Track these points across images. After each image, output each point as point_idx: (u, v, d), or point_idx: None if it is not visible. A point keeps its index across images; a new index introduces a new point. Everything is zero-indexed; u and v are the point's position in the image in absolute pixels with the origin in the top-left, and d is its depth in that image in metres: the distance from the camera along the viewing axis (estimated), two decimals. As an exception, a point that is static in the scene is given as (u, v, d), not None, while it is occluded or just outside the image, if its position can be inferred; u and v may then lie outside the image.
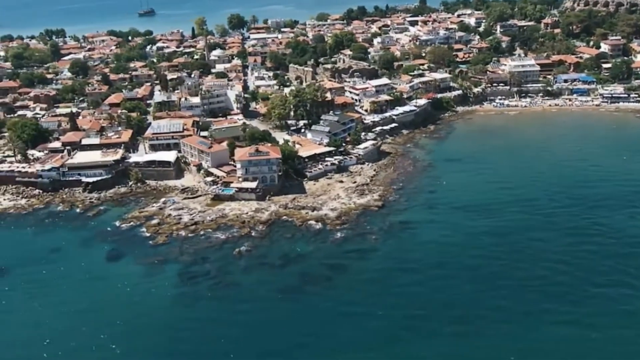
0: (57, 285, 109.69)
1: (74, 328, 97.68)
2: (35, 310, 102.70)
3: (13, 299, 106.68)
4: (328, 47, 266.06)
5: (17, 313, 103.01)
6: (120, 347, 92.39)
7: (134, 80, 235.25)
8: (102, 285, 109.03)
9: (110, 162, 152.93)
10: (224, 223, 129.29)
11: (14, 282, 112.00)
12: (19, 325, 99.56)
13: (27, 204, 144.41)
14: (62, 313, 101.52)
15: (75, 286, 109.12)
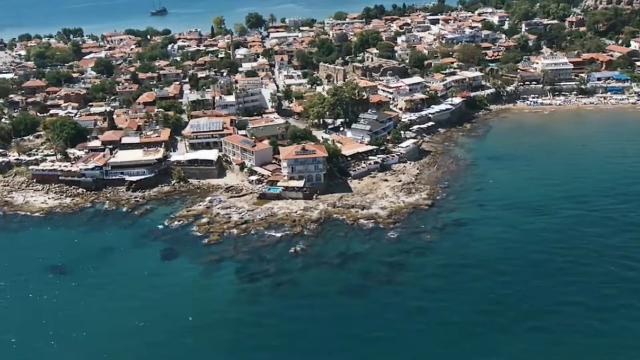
0: (119, 284, 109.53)
1: (145, 324, 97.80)
2: (103, 308, 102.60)
3: (78, 297, 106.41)
4: (353, 46, 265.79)
5: (86, 311, 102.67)
6: (193, 342, 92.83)
7: (162, 79, 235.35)
8: (163, 283, 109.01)
9: (153, 161, 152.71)
10: (274, 222, 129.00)
11: (76, 280, 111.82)
12: (91, 322, 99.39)
13: (73, 203, 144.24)
14: (130, 310, 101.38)
15: (137, 284, 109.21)
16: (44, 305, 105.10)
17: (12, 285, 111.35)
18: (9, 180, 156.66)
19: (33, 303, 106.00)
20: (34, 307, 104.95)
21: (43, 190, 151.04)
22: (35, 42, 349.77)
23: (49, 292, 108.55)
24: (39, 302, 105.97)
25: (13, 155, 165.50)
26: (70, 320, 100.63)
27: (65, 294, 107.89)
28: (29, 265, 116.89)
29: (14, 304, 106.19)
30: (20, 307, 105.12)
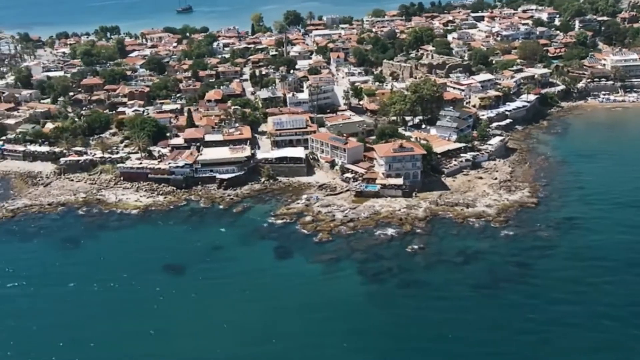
0: (241, 282, 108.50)
1: (280, 323, 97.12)
2: (233, 306, 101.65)
3: (204, 296, 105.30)
4: (406, 43, 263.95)
5: (216, 309, 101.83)
6: (349, 345, 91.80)
7: (220, 76, 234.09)
8: (286, 282, 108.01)
9: (243, 159, 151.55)
10: (380, 220, 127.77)
11: (196, 279, 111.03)
12: (223, 320, 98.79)
13: (167, 201, 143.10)
14: (261, 309, 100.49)
15: (259, 283, 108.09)
16: (172, 303, 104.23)
17: (133, 283, 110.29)
18: (96, 178, 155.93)
19: (158, 301, 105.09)
20: (161, 305, 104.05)
21: (132, 189, 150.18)
22: (74, 40, 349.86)
23: (172, 291, 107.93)
24: (165, 300, 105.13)
25: (93, 153, 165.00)
26: (204, 318, 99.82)
27: (190, 293, 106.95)
28: (143, 265, 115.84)
29: (139, 302, 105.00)
30: (147, 305, 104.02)
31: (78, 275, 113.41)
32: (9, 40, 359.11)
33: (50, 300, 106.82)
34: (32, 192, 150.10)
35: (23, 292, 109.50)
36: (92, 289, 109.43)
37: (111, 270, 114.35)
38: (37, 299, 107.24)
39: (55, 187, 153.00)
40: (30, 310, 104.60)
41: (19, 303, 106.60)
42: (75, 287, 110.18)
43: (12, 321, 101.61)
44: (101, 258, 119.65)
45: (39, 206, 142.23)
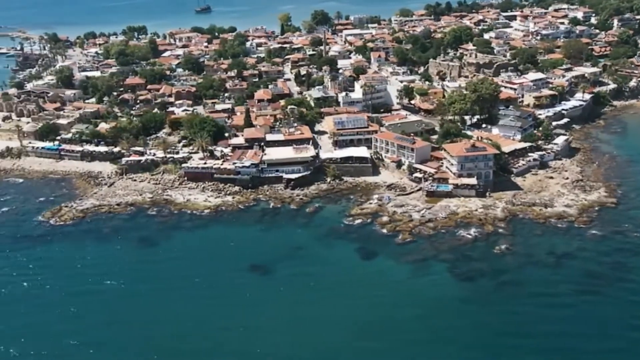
0: (330, 283, 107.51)
1: (383, 325, 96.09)
2: (332, 308, 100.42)
3: (297, 297, 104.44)
4: (445, 42, 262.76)
5: (311, 309, 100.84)
6: (449, 342, 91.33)
7: (263, 76, 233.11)
8: (378, 283, 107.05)
9: (309, 159, 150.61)
10: (459, 220, 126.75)
11: (284, 280, 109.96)
12: (319, 321, 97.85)
13: (236, 201, 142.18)
14: (359, 310, 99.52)
15: (351, 284, 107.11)
16: (261, 301, 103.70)
17: (220, 283, 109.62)
18: (159, 178, 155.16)
19: (247, 299, 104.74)
20: (250, 303, 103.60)
21: (198, 189, 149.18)
22: (103, 40, 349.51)
23: (259, 290, 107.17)
24: (253, 298, 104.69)
25: (153, 153, 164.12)
26: (295, 317, 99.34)
27: (279, 292, 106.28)
28: (227, 264, 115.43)
29: (228, 301, 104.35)
30: (237, 303, 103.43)
31: (164, 275, 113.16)
32: (36, 40, 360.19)
33: (145, 298, 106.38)
34: (97, 193, 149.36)
35: (118, 290, 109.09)
36: (181, 287, 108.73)
37: (195, 270, 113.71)
38: (133, 297, 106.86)
39: (119, 187, 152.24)
40: (128, 307, 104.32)
41: (116, 301, 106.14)
42: (164, 285, 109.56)
43: (113, 318, 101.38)
44: (182, 258, 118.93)
45: (108, 206, 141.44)
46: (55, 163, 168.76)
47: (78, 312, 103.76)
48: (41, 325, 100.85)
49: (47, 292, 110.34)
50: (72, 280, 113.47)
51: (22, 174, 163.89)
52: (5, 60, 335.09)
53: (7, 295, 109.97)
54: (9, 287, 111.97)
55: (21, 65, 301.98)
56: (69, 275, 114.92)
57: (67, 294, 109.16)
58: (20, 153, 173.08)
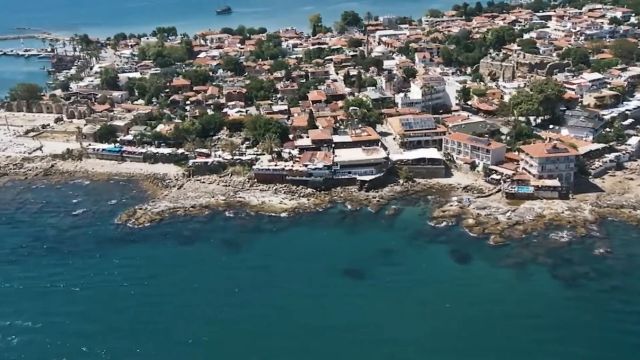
0: (429, 287, 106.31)
1: (494, 331, 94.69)
2: (437, 314, 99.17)
3: (398, 301, 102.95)
4: (488, 43, 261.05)
5: (415, 316, 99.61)
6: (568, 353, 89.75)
7: (310, 77, 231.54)
8: (478, 287, 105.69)
9: (381, 160, 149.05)
10: (548, 222, 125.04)
11: (381, 284, 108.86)
12: (424, 324, 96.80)
13: (313, 204, 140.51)
14: (468, 318, 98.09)
15: (448, 288, 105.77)
16: (361, 306, 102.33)
17: (315, 285, 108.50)
18: (227, 180, 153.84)
19: (346, 304, 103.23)
20: (349, 308, 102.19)
21: (270, 191, 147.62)
22: (134, 41, 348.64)
23: (357, 294, 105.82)
24: (351, 303, 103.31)
25: (218, 154, 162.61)
26: (401, 323, 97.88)
27: (379, 296, 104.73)
28: (321, 268, 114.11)
29: (327, 304, 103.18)
30: (336, 307, 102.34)
31: (257, 278, 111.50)
32: (66, 41, 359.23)
33: (247, 300, 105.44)
34: (168, 195, 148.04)
35: (210, 295, 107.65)
36: (283, 290, 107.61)
37: (291, 273, 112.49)
38: (234, 298, 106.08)
39: (189, 189, 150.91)
40: (235, 308, 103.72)
41: (213, 306, 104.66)
42: (265, 288, 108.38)
43: (210, 325, 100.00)
44: (271, 261, 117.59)
45: (183, 209, 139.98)
46: (118, 165, 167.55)
47: (188, 312, 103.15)
48: (153, 324, 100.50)
49: (148, 293, 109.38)
50: (168, 281, 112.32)
51: (86, 175, 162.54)
52: (37, 61, 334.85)
53: (113, 295, 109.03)
54: (111, 289, 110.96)
55: (56, 67, 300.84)
56: (163, 277, 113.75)
57: (168, 294, 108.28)
58: (81, 155, 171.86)
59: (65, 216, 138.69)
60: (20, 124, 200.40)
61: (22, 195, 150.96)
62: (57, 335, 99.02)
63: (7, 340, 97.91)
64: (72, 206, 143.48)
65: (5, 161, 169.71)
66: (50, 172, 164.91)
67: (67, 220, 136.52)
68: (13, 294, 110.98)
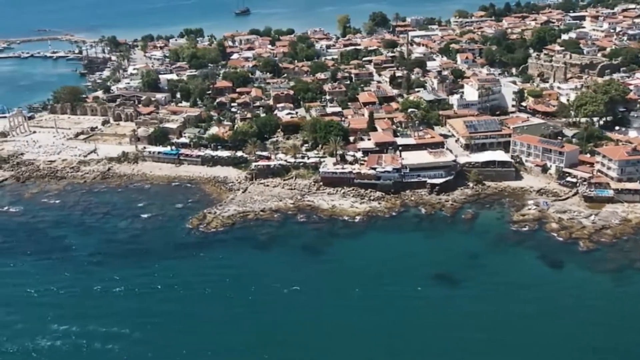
0: (529, 295, 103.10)
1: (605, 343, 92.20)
2: (539, 323, 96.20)
3: (495, 309, 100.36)
4: (529, 43, 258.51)
5: (515, 325, 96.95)
6: None
7: (354, 79, 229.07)
8: (579, 296, 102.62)
9: (451, 163, 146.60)
10: (636, 227, 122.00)
11: (479, 292, 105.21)
12: (537, 338, 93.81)
13: (385, 207, 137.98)
14: (573, 328, 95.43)
15: (550, 295, 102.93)
16: (469, 315, 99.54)
17: (408, 291, 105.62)
18: (292, 183, 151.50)
19: (442, 310, 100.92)
20: (447, 314, 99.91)
21: (337, 194, 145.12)
22: (162, 42, 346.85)
23: (452, 300, 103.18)
24: (448, 309, 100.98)
25: (279, 157, 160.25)
26: (503, 332, 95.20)
27: (478, 303, 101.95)
28: (410, 273, 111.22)
29: (425, 311, 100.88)
30: (439, 315, 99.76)
31: (345, 284, 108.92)
32: (92, 43, 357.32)
33: (336, 308, 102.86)
34: (234, 199, 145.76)
35: (307, 300, 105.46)
36: (375, 296, 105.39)
37: (380, 278, 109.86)
38: (323, 306, 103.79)
39: (254, 192, 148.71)
40: (327, 315, 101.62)
41: (311, 312, 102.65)
42: (349, 294, 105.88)
43: (313, 331, 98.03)
44: (357, 265, 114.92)
45: (253, 213, 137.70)
46: (176, 168, 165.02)
47: (300, 317, 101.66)
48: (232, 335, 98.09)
49: (244, 297, 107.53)
50: (254, 286, 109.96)
51: (145, 178, 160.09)
52: (66, 63, 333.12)
53: (208, 299, 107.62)
54: (201, 292, 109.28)
55: (88, 69, 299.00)
56: (248, 283, 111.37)
57: (252, 301, 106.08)
58: (137, 158, 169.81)
59: (133, 220, 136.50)
60: (67, 127, 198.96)
61: (85, 199, 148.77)
62: (162, 339, 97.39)
63: (108, 347, 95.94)
64: (138, 210, 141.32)
65: (61, 164, 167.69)
66: (107, 175, 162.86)
67: (137, 225, 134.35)
68: (105, 298, 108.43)
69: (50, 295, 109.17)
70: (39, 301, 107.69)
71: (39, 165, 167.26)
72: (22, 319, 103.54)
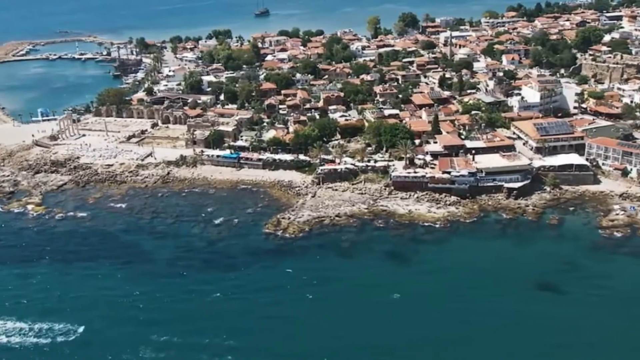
0: (624, 302, 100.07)
1: None
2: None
3: (609, 320, 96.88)
4: (573, 43, 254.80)
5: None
6: None
7: (402, 81, 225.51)
8: None
9: (527, 167, 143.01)
10: None
11: (582, 299, 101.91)
12: None
13: (462, 212, 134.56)
14: None
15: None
16: (581, 324, 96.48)
17: (520, 301, 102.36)
18: (362, 187, 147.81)
19: (554, 319, 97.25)
20: (570, 325, 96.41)
21: (411, 199, 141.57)
22: (191, 44, 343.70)
23: (565, 309, 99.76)
24: (559, 318, 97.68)
25: (344, 161, 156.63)
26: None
27: (593, 314, 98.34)
28: (509, 281, 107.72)
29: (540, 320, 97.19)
30: (552, 325, 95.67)
31: (444, 291, 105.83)
32: (121, 45, 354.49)
33: (445, 313, 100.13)
34: (305, 203, 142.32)
35: (412, 308, 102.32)
36: (475, 302, 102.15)
37: (478, 287, 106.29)
38: (431, 314, 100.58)
39: (324, 197, 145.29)
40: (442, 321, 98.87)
41: (420, 320, 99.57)
42: (452, 302, 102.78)
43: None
44: (450, 272, 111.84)
45: (329, 218, 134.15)
46: (236, 172, 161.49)
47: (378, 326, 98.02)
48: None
49: (331, 303, 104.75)
50: (352, 293, 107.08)
51: (207, 183, 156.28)
52: (95, 65, 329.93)
53: (311, 306, 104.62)
54: (295, 298, 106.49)
55: (122, 71, 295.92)
56: (344, 289, 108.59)
57: (356, 308, 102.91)
58: (196, 161, 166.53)
59: (206, 226, 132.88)
60: (115, 130, 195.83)
61: (151, 204, 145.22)
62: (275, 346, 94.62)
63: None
64: (208, 215, 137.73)
65: (119, 168, 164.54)
66: (167, 179, 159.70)
67: (211, 230, 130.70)
68: (200, 306, 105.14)
69: (144, 303, 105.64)
70: (132, 309, 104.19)
71: (97, 169, 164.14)
72: (122, 330, 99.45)
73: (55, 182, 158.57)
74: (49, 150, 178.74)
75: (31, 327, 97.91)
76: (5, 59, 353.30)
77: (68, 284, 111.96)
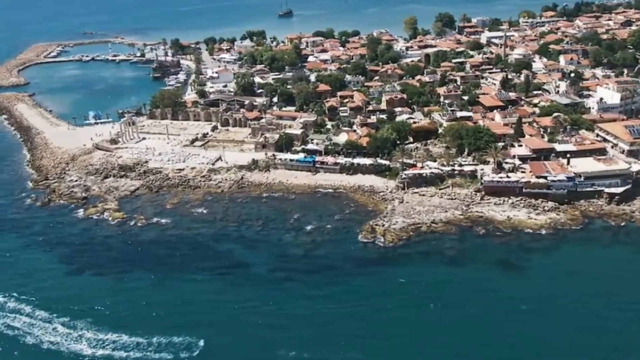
0: None
1: None
2: None
3: None
4: (630, 43, 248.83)
5: None
6: None
7: (460, 82, 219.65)
8: None
9: (627, 171, 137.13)
10: None
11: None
12: None
13: (568, 219, 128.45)
14: None
15: None
16: None
17: None
18: (450, 192, 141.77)
19: None
20: None
21: (505, 204, 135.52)
22: (227, 44, 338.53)
23: None
24: None
25: (428, 165, 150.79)
26: None
27: None
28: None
29: None
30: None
31: (577, 300, 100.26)
32: (154, 47, 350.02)
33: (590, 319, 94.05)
34: (394, 209, 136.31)
35: (549, 318, 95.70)
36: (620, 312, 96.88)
37: (611, 296, 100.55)
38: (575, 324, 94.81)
39: (413, 203, 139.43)
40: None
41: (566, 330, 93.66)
42: (590, 310, 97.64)
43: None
44: (575, 282, 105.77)
45: (425, 225, 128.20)
46: (312, 176, 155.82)
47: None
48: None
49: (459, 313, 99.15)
50: (481, 302, 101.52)
51: (284, 187, 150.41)
52: (129, 66, 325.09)
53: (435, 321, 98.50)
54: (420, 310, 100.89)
55: (162, 73, 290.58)
56: (470, 299, 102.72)
57: (491, 318, 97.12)
58: (269, 166, 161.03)
59: (297, 233, 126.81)
60: (175, 133, 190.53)
61: (232, 210, 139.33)
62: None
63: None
64: (296, 222, 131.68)
65: (191, 173, 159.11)
66: (242, 184, 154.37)
67: (304, 239, 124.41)
68: (316, 318, 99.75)
69: (258, 314, 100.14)
70: (248, 320, 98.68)
71: (168, 174, 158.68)
72: (246, 342, 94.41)
73: (127, 187, 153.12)
74: (112, 154, 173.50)
75: (149, 341, 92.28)
76: (37, 61, 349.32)
77: (171, 294, 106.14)
